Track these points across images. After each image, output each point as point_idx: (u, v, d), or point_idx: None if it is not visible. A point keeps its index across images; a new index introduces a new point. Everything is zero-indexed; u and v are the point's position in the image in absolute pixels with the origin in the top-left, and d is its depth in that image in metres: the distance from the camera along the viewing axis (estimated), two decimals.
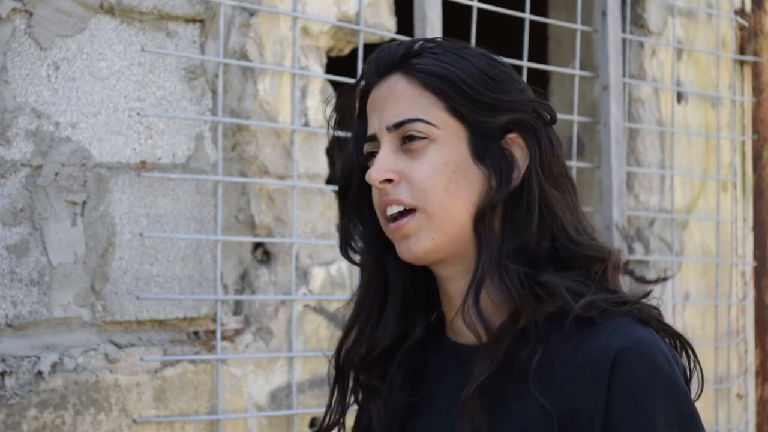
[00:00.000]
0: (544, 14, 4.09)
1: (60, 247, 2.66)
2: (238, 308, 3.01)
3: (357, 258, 1.70)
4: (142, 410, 2.76)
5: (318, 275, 3.14)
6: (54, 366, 2.63)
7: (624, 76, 3.91)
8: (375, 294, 1.67)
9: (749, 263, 4.45)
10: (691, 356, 1.60)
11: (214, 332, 2.92)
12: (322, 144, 3.18)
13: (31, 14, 2.63)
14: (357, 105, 1.67)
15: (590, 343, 1.53)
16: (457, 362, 1.63)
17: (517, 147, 1.61)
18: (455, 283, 1.63)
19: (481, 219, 1.58)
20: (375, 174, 1.59)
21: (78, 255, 2.69)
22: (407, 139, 1.59)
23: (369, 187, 1.64)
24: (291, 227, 3.06)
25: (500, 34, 3.43)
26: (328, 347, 3.14)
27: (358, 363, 1.68)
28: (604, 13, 3.78)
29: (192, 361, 2.87)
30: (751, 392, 4.46)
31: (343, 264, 3.19)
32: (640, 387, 1.51)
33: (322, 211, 3.16)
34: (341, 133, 1.72)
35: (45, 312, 2.64)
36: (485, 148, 1.59)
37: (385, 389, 1.67)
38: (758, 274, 4.47)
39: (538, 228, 1.58)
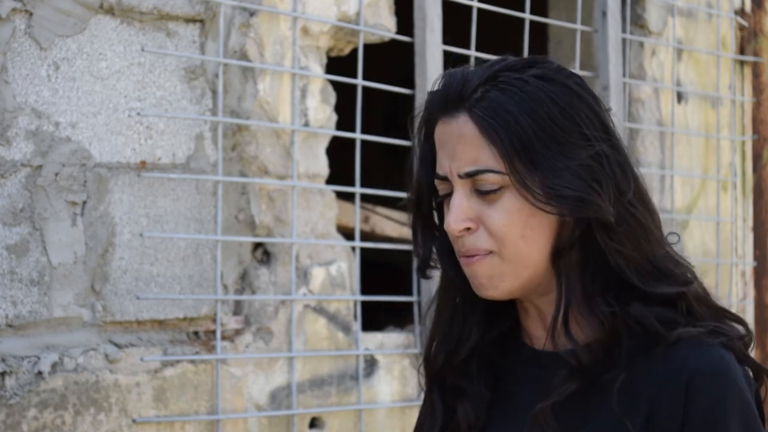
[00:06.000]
0: (544, 14, 4.09)
1: (60, 247, 2.66)
2: (238, 308, 3.01)
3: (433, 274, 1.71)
4: (142, 410, 2.76)
5: (318, 275, 3.14)
6: (54, 366, 2.63)
7: (624, 76, 3.91)
8: (454, 300, 1.68)
9: (749, 263, 4.45)
10: None
11: (214, 332, 2.92)
12: (322, 144, 3.18)
13: (31, 14, 2.63)
14: (424, 128, 1.65)
15: (668, 359, 1.56)
16: (537, 367, 1.65)
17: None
18: (530, 302, 1.65)
19: (560, 257, 1.59)
20: (453, 224, 1.59)
21: (78, 255, 2.69)
22: (481, 188, 1.59)
23: (440, 204, 1.65)
24: (291, 227, 3.06)
25: (500, 34, 3.43)
26: (327, 347, 3.14)
27: (447, 366, 1.69)
28: (604, 13, 3.78)
29: (192, 361, 2.87)
30: None
31: (343, 264, 3.19)
32: (717, 404, 1.54)
33: (322, 211, 3.15)
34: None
35: (45, 312, 2.64)
36: None
37: (470, 387, 1.68)
38: (758, 274, 4.47)
39: (615, 261, 1.59)
